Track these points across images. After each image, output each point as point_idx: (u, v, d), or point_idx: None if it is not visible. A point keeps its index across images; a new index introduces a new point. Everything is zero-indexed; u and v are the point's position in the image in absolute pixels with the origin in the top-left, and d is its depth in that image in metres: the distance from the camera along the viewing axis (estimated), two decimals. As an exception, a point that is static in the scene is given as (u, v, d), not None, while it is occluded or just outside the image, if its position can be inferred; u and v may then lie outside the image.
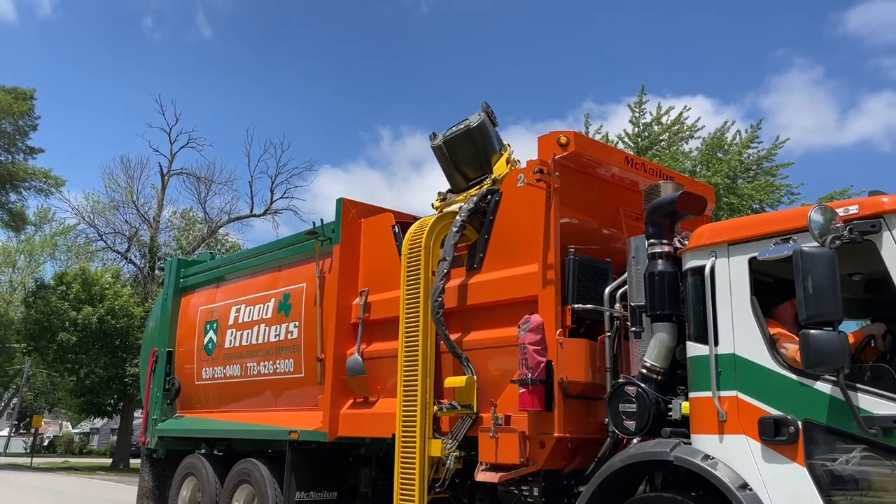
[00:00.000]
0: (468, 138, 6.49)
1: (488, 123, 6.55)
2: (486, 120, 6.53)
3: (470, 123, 6.49)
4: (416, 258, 6.25)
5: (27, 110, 32.67)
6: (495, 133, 6.62)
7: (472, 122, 6.49)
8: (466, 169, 6.60)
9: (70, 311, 28.64)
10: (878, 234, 3.98)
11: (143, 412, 9.93)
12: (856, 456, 3.85)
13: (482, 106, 6.59)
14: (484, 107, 6.59)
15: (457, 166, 6.66)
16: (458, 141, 6.55)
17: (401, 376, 6.16)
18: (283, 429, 7.35)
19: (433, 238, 6.26)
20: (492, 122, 6.60)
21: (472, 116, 6.57)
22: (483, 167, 6.48)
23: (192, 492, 8.76)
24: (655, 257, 4.94)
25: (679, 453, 4.37)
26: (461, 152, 6.58)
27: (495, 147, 6.53)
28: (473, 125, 6.47)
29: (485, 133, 6.49)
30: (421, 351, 6.05)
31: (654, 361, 4.79)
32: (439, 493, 5.98)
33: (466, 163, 6.59)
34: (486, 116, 6.53)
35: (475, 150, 6.51)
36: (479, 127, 6.46)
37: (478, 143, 6.49)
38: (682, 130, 20.56)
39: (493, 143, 6.54)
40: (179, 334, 9.58)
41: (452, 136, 6.58)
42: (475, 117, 6.52)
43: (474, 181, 6.51)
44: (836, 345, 3.73)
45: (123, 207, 34.44)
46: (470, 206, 6.03)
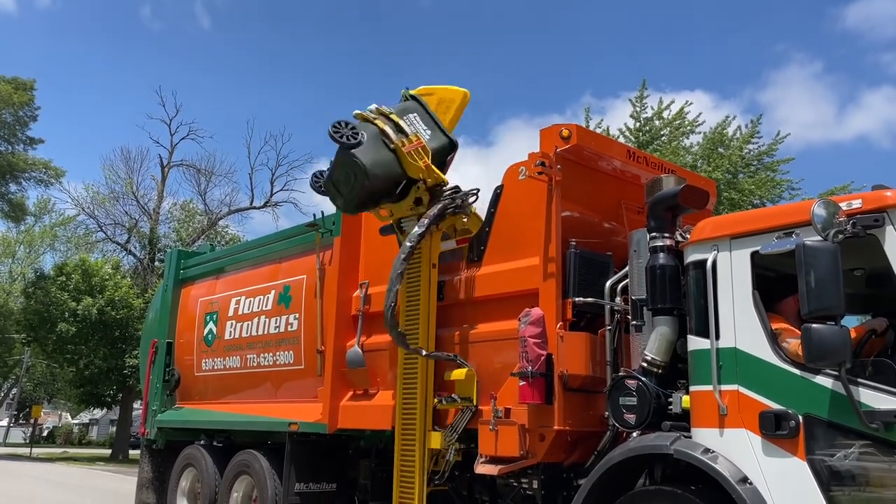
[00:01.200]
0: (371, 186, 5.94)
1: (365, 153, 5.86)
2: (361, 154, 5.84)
3: (360, 180, 5.88)
4: (417, 251, 6.22)
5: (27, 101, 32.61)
6: (373, 147, 5.92)
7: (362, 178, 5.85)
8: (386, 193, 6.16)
9: (70, 302, 28.65)
10: (882, 229, 3.97)
11: (143, 403, 9.93)
12: (856, 450, 3.85)
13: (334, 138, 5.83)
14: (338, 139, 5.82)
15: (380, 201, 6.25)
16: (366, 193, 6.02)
17: (401, 369, 6.16)
18: (283, 420, 7.34)
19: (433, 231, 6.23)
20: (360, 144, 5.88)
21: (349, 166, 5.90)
22: (398, 181, 6.05)
23: (192, 483, 8.77)
24: (657, 251, 4.92)
25: (679, 447, 4.37)
26: (374, 195, 6.10)
27: (390, 158, 5.94)
28: (368, 181, 5.87)
29: (378, 169, 5.88)
30: (421, 342, 6.04)
31: (655, 355, 4.78)
32: (438, 486, 5.99)
33: (384, 192, 6.12)
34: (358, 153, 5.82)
35: (383, 184, 6.00)
36: (372, 174, 5.86)
37: (383, 180, 5.96)
38: (684, 125, 20.52)
39: (387, 159, 5.93)
40: (179, 325, 9.57)
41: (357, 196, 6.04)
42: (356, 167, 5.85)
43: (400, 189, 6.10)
44: (838, 339, 3.73)
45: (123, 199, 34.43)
46: (420, 230, 5.81)
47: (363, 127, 6.04)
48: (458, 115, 6.57)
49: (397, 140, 5.97)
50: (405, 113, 6.28)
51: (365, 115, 6.16)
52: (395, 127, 6.07)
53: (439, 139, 6.26)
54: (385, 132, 6.01)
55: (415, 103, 6.41)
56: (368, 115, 6.15)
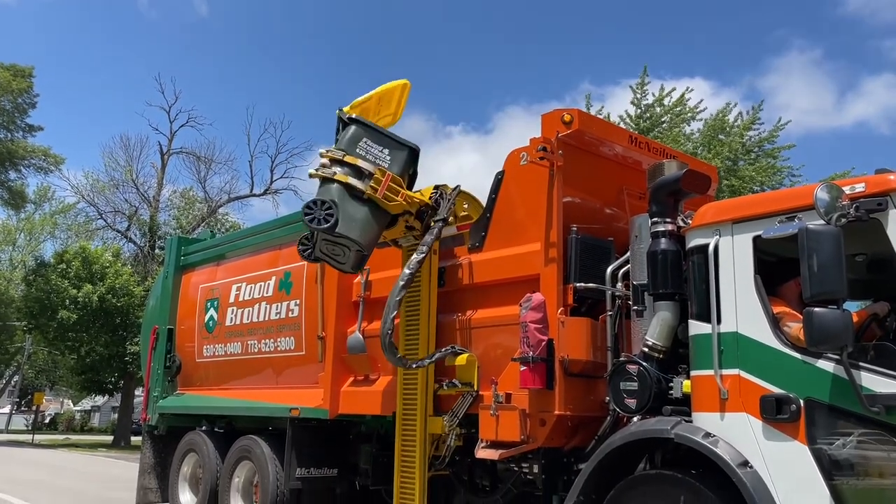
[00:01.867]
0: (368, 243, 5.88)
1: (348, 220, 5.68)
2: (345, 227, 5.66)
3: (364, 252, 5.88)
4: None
5: (26, 88, 32.55)
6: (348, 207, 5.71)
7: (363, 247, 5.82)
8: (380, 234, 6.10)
9: (70, 290, 28.69)
10: (885, 212, 3.96)
11: (145, 389, 9.96)
12: (857, 434, 3.85)
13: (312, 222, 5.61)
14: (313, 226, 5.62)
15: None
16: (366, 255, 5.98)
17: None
18: (284, 406, 7.36)
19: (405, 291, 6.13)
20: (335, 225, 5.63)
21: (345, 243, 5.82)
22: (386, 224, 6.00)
23: (194, 468, 8.81)
24: (658, 236, 4.91)
25: (680, 431, 4.38)
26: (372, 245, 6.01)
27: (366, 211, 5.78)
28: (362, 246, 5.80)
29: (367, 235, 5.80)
30: (422, 329, 6.05)
31: (656, 340, 4.78)
32: (439, 470, 6.01)
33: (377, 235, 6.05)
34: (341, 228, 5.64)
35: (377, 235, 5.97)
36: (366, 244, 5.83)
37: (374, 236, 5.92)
38: (685, 112, 20.46)
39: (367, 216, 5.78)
40: (180, 312, 9.58)
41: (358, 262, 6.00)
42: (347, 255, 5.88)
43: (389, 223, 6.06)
44: (840, 323, 3.72)
45: (123, 186, 34.44)
46: (419, 257, 5.70)
47: (325, 189, 5.79)
48: (401, 104, 6.38)
49: (365, 188, 5.74)
50: (355, 144, 5.91)
51: (321, 174, 5.83)
52: (355, 171, 5.79)
53: (399, 156, 6.01)
54: (350, 185, 5.75)
55: (358, 127, 6.00)
56: (325, 173, 5.82)
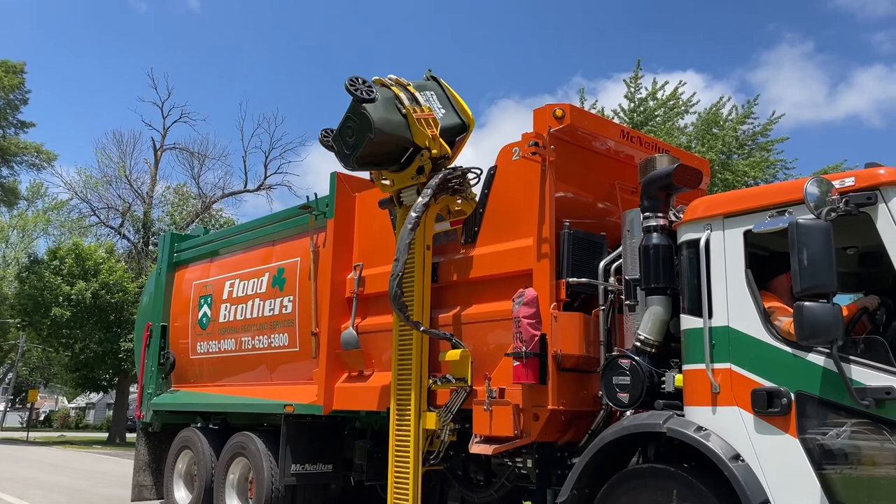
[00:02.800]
0: (376, 144, 5.87)
1: (376, 111, 5.81)
2: (372, 109, 5.78)
3: (368, 134, 5.81)
4: None
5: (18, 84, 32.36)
6: (384, 107, 5.90)
7: (368, 132, 5.79)
8: (390, 158, 6.16)
9: (63, 286, 28.58)
10: (874, 207, 3.97)
11: (139, 386, 9.94)
12: (847, 427, 3.87)
13: (350, 90, 5.78)
14: (353, 92, 5.76)
15: (381, 164, 6.25)
16: (369, 151, 5.96)
17: (396, 350, 6.17)
18: (279, 402, 7.37)
19: (428, 211, 6.21)
20: (372, 101, 5.84)
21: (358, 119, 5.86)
22: (405, 146, 6.04)
23: (188, 465, 8.81)
24: (650, 230, 4.92)
25: (672, 425, 4.40)
26: (377, 156, 6.08)
27: (399, 121, 5.91)
28: (375, 135, 5.78)
29: (385, 127, 5.83)
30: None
31: (648, 334, 4.79)
32: (434, 465, 6.03)
33: (388, 156, 6.12)
34: (369, 107, 5.78)
35: (390, 145, 5.97)
36: (379, 130, 5.79)
37: (388, 140, 5.92)
38: (678, 106, 20.47)
39: (395, 121, 5.90)
40: (174, 309, 9.56)
41: (362, 151, 5.95)
42: (364, 120, 5.81)
43: (405, 158, 6.10)
44: (831, 317, 3.74)
45: (116, 182, 34.29)
46: (425, 199, 5.80)
47: (379, 90, 6.05)
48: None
49: (409, 106, 5.99)
50: (423, 89, 6.33)
51: (382, 81, 6.18)
52: (410, 96, 6.10)
53: (452, 119, 6.31)
54: (399, 97, 6.03)
55: (434, 83, 6.48)
56: (386, 81, 6.18)
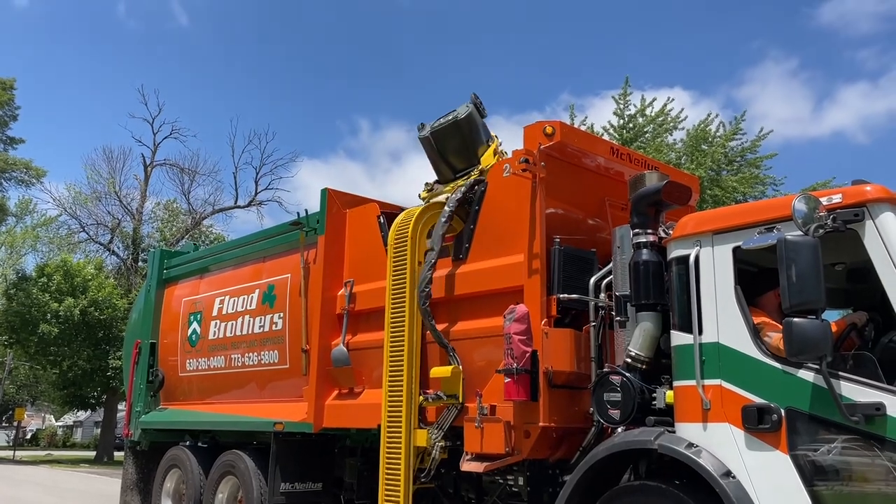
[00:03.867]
0: (456, 130, 6.49)
1: (476, 115, 6.54)
2: (475, 111, 6.53)
3: (458, 115, 6.49)
4: (403, 248, 6.22)
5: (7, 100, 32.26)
6: (483, 124, 6.63)
7: (460, 113, 6.49)
8: (453, 160, 6.62)
9: (51, 303, 28.36)
10: (861, 223, 4.01)
11: (127, 404, 9.86)
12: (838, 443, 3.88)
13: (471, 97, 6.61)
14: (473, 98, 6.60)
15: (444, 157, 6.67)
16: (446, 132, 6.55)
17: (386, 367, 6.14)
18: (268, 420, 7.31)
19: (420, 228, 6.24)
20: (480, 114, 6.60)
21: (460, 108, 6.57)
22: (470, 159, 6.50)
23: (177, 484, 8.72)
24: (640, 247, 4.94)
25: (663, 441, 4.39)
26: (448, 144, 6.59)
27: (482, 139, 6.54)
28: (461, 117, 6.46)
29: (472, 125, 6.49)
30: (407, 341, 6.02)
31: (639, 351, 4.80)
32: (424, 484, 5.98)
33: (454, 154, 6.61)
34: (474, 108, 6.53)
35: (462, 141, 6.52)
36: (466, 118, 6.45)
37: (465, 135, 6.49)
38: (667, 122, 20.62)
39: (481, 134, 6.55)
40: (163, 326, 9.50)
41: (440, 127, 6.58)
42: (463, 109, 6.52)
43: (461, 172, 6.53)
44: (819, 333, 3.75)
45: (106, 198, 34.15)
46: (458, 195, 6.02)
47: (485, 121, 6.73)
48: None
49: (496, 146, 6.56)
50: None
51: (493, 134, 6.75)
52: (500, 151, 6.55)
53: None
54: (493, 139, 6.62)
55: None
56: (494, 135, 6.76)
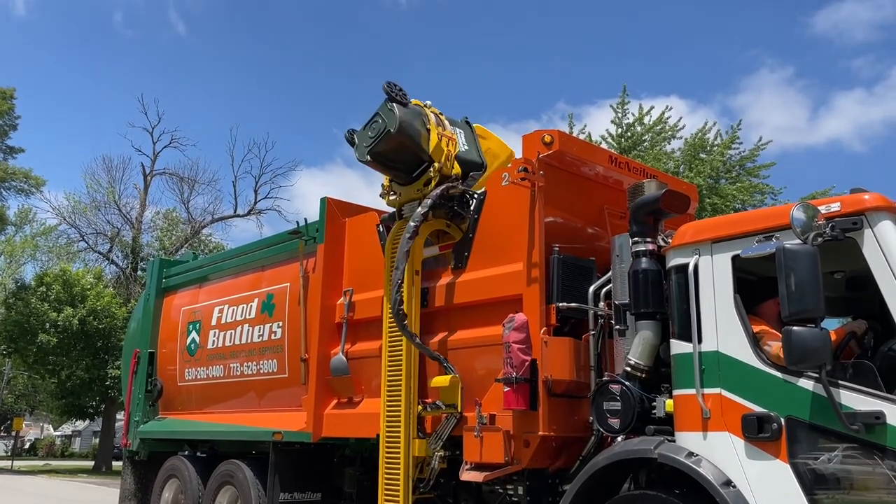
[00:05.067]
0: (392, 140, 6.02)
1: (404, 113, 6.01)
2: (399, 109, 6.00)
3: (388, 126, 5.98)
4: None
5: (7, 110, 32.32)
6: (412, 113, 6.11)
7: (390, 123, 5.97)
8: (403, 165, 6.27)
9: (50, 313, 28.33)
10: (860, 232, 4.01)
11: (125, 414, 9.83)
12: (838, 452, 3.87)
13: (384, 90, 6.01)
14: (387, 90, 6.01)
15: (393, 168, 6.37)
16: (385, 147, 6.11)
17: (385, 376, 6.13)
18: (267, 430, 7.29)
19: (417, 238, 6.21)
20: (405, 106, 6.07)
21: (382, 111, 6.06)
22: (420, 155, 6.14)
23: (175, 494, 8.68)
24: (639, 255, 4.94)
25: (663, 451, 4.38)
26: (391, 155, 6.20)
27: (419, 130, 6.07)
28: (394, 129, 5.95)
29: (405, 127, 5.99)
30: (405, 350, 6.02)
31: (639, 359, 4.79)
32: (424, 494, 5.96)
33: (401, 161, 6.25)
34: (396, 106, 6.00)
35: (404, 148, 6.10)
36: (399, 127, 5.96)
37: (404, 140, 6.02)
38: (665, 130, 20.68)
39: (416, 128, 6.07)
40: (162, 335, 9.49)
41: (376, 145, 6.09)
42: (389, 116, 6.00)
43: (417, 171, 6.23)
44: (819, 341, 3.75)
45: (105, 208, 34.20)
46: (423, 210, 5.87)
47: (411, 105, 6.25)
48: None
49: (434, 123, 6.16)
50: (453, 124, 6.53)
51: (417, 101, 6.32)
52: (438, 120, 6.26)
53: (472, 155, 6.52)
54: (427, 116, 6.19)
55: (466, 126, 6.68)
56: (420, 102, 6.35)
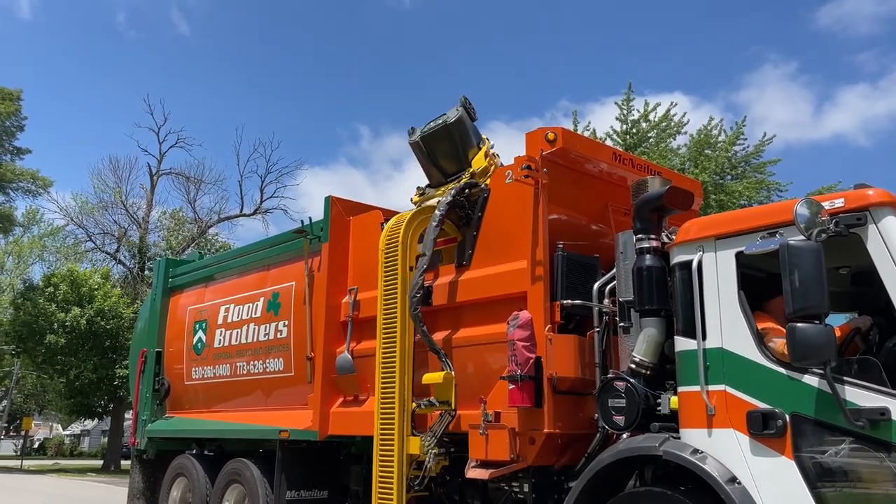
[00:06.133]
0: (445, 134, 6.44)
1: (466, 118, 6.49)
2: (465, 114, 6.48)
3: (447, 119, 6.44)
4: (394, 254, 6.20)
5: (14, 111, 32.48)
6: (473, 128, 6.57)
7: (450, 117, 6.44)
8: (444, 164, 6.58)
9: (58, 313, 28.45)
10: (864, 227, 4.00)
11: (133, 413, 9.88)
12: (843, 448, 3.87)
13: (461, 100, 6.55)
14: (462, 101, 6.54)
15: (434, 162, 6.64)
16: (436, 136, 6.51)
17: (379, 374, 6.11)
18: (274, 428, 7.32)
19: (410, 233, 6.21)
20: (470, 117, 6.54)
21: (449, 111, 6.51)
22: (461, 162, 6.46)
23: (183, 492, 8.72)
24: (643, 252, 4.93)
25: (668, 448, 4.38)
26: (439, 148, 6.54)
27: (472, 142, 6.49)
28: (451, 121, 6.41)
29: (462, 128, 6.44)
30: (399, 347, 6.00)
31: (643, 356, 4.79)
32: (419, 492, 5.93)
33: (444, 158, 6.57)
34: (464, 111, 6.48)
35: (453, 145, 6.47)
36: (456, 122, 6.40)
37: (455, 139, 6.44)
38: (670, 127, 20.61)
39: (471, 137, 6.50)
40: (168, 334, 9.53)
41: (430, 131, 6.53)
42: (453, 112, 6.47)
43: (452, 176, 6.48)
44: (823, 338, 3.74)
45: (112, 208, 34.31)
46: (448, 199, 5.99)
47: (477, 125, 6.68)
48: None
49: (488, 148, 6.51)
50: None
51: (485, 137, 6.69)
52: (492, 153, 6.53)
53: None
54: (485, 142, 6.57)
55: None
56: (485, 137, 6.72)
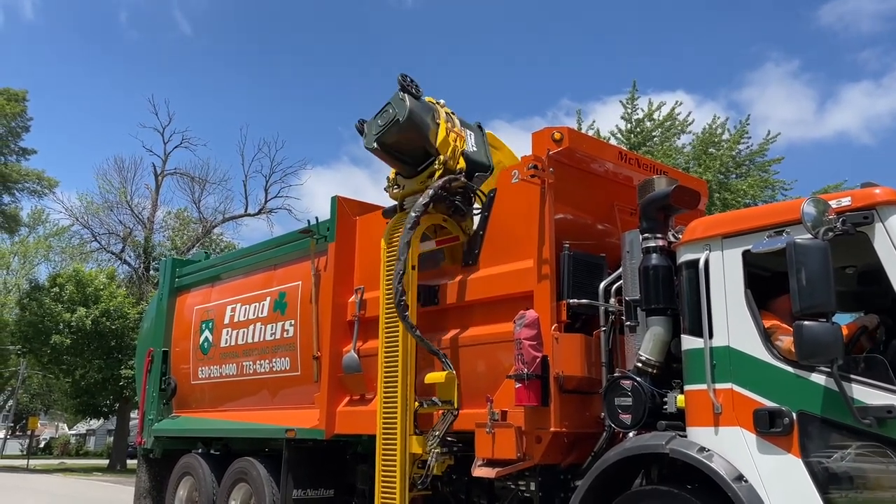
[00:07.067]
0: (400, 129, 6.08)
1: (414, 104, 6.07)
2: (410, 100, 6.06)
3: (398, 115, 6.04)
4: (396, 253, 6.19)
5: (19, 112, 32.59)
6: (423, 106, 6.18)
7: (400, 113, 6.03)
8: (410, 155, 6.34)
9: (63, 313, 28.54)
10: (871, 226, 4.00)
11: (139, 412, 9.91)
12: (850, 446, 3.87)
13: (399, 82, 6.10)
14: (401, 82, 6.09)
15: (399, 158, 6.42)
16: (391, 135, 6.16)
17: (381, 373, 6.14)
18: (280, 427, 7.34)
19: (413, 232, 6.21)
20: (416, 98, 6.13)
21: (393, 101, 6.12)
22: (427, 148, 6.20)
23: (189, 491, 8.76)
24: (650, 251, 4.94)
25: (675, 446, 4.39)
26: (399, 144, 6.26)
27: (428, 123, 6.14)
28: (403, 118, 6.02)
29: (415, 117, 6.06)
30: (401, 347, 6.01)
31: (650, 355, 4.80)
32: (421, 491, 5.95)
33: (408, 151, 6.31)
34: (408, 97, 6.07)
35: (411, 137, 6.15)
36: (408, 117, 6.01)
37: (412, 131, 6.10)
38: (675, 126, 20.57)
39: (426, 120, 6.13)
40: (175, 334, 9.56)
41: (384, 132, 6.16)
42: (400, 105, 6.06)
43: (423, 164, 6.31)
44: (830, 336, 3.75)
45: (117, 208, 34.39)
46: (425, 200, 5.92)
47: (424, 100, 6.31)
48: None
49: (444, 119, 6.20)
50: (464, 125, 6.54)
51: (430, 99, 6.37)
52: (448, 117, 6.29)
53: (479, 156, 6.52)
54: (438, 112, 6.23)
55: (477, 128, 6.70)
56: (433, 100, 6.40)
